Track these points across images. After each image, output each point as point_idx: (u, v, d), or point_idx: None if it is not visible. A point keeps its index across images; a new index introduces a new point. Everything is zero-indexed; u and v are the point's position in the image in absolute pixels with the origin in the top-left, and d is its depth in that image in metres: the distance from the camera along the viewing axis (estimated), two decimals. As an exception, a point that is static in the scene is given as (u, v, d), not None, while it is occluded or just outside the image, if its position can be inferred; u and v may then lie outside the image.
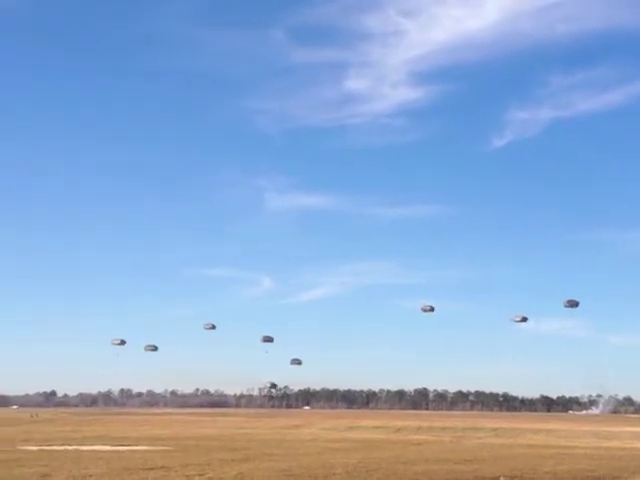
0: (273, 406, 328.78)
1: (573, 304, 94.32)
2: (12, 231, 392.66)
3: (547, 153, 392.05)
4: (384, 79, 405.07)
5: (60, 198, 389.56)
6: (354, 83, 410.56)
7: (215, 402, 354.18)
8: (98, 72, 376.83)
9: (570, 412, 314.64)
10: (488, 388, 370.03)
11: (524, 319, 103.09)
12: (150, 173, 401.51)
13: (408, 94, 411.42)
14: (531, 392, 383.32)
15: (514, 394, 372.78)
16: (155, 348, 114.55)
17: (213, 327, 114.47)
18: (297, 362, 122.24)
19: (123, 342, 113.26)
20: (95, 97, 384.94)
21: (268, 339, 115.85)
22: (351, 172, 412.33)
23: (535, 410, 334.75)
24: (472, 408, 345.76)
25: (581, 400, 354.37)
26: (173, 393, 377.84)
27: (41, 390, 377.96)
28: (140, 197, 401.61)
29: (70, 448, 51.62)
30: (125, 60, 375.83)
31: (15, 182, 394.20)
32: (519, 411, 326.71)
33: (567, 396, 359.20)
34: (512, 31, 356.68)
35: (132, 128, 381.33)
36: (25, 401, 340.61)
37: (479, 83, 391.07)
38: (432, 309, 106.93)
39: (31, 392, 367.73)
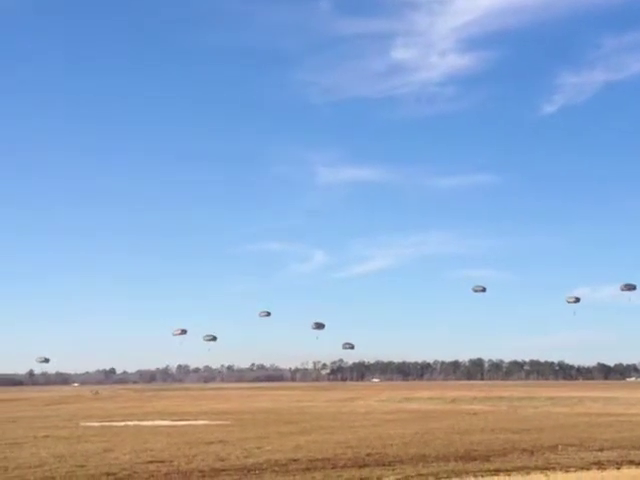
0: (328, 379, 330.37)
1: (630, 288, 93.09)
2: (77, 214, 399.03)
3: (599, 117, 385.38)
4: (432, 47, 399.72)
5: (124, 181, 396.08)
6: (402, 53, 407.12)
7: (270, 376, 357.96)
8: (149, 51, 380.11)
9: (628, 379, 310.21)
10: (543, 357, 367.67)
11: (577, 300, 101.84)
12: (202, 151, 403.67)
13: (456, 62, 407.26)
14: (588, 360, 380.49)
15: (570, 363, 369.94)
16: (214, 338, 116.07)
17: (268, 314, 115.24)
18: (349, 346, 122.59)
19: (184, 331, 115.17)
20: (147, 77, 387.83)
21: (319, 325, 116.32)
22: (401, 143, 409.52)
23: (592, 378, 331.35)
24: (527, 378, 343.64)
25: (639, 367, 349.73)
26: (229, 368, 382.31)
27: (101, 367, 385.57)
28: (193, 175, 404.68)
29: (131, 424, 52.73)
30: (175, 38, 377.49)
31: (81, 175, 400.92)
32: (575, 380, 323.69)
33: (625, 364, 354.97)
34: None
35: (182, 106, 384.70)
36: (85, 379, 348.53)
37: (528, 48, 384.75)
38: (484, 289, 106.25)
39: (91, 370, 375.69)
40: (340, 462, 27.54)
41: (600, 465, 27.31)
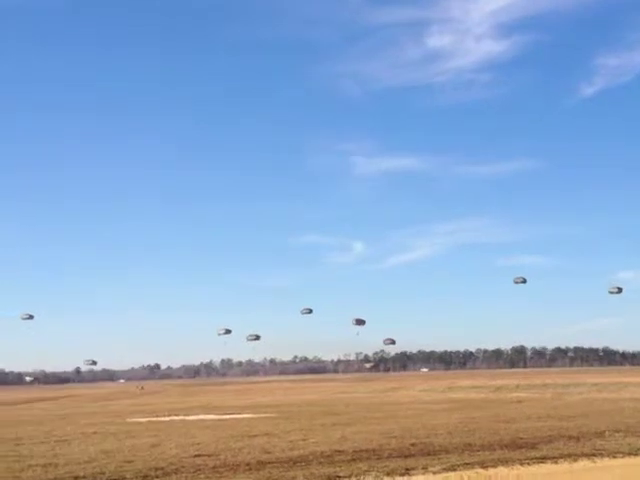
0: (370, 370, 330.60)
1: None
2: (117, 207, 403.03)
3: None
4: (467, 34, 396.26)
5: (164, 174, 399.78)
6: (437, 40, 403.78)
7: (313, 368, 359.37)
8: (179, 46, 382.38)
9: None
10: (587, 343, 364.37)
11: (619, 290, 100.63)
12: (239, 144, 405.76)
13: (492, 47, 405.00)
14: (633, 346, 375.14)
15: (614, 348, 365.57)
16: (257, 337, 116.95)
17: (310, 311, 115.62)
18: (390, 342, 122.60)
19: (229, 331, 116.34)
20: (177, 72, 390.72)
21: (360, 322, 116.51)
22: (438, 131, 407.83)
23: (637, 364, 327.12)
24: (571, 364, 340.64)
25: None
26: (272, 361, 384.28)
27: (145, 363, 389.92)
28: (232, 168, 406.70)
29: (177, 418, 53.31)
30: (206, 33, 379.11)
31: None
32: (621, 365, 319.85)
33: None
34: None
35: (216, 102, 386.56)
36: (131, 375, 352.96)
37: (564, 31, 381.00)
38: (524, 281, 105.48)
39: (136, 366, 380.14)
40: (385, 452, 27.60)
41: (648, 450, 27.07)
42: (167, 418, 53.99)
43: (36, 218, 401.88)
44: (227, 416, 54.56)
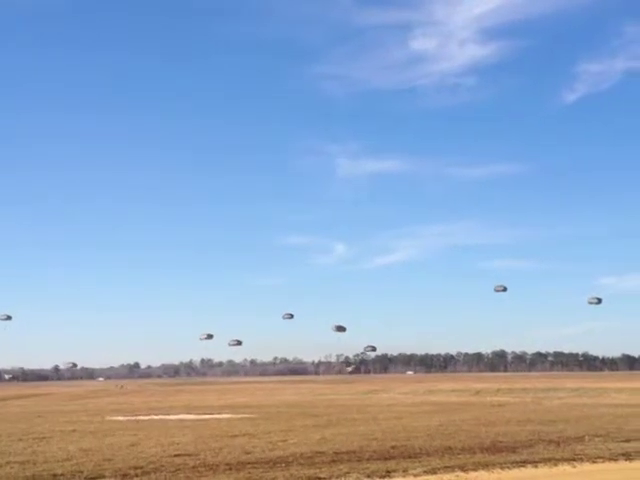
0: (352, 373, 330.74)
1: None
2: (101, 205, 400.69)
3: (621, 106, 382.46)
4: (451, 38, 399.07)
5: (146, 173, 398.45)
6: (421, 43, 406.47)
7: (294, 370, 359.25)
8: (163, 47, 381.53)
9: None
10: (567, 348, 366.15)
11: (599, 300, 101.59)
12: (222, 144, 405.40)
13: (476, 52, 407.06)
14: (612, 351, 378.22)
15: (594, 354, 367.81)
16: (239, 342, 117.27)
17: (291, 316, 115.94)
18: (371, 348, 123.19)
19: (210, 336, 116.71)
20: (160, 72, 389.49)
21: (341, 328, 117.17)
22: (422, 134, 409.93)
23: (617, 369, 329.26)
24: (551, 369, 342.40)
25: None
26: (252, 362, 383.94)
27: (125, 362, 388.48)
28: (214, 169, 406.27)
29: (156, 418, 53.02)
30: (191, 33, 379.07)
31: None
32: (600, 371, 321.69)
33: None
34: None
35: (203, 100, 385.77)
36: (110, 373, 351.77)
37: (548, 37, 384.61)
38: (505, 289, 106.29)
39: (116, 364, 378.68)
40: (365, 454, 27.56)
41: (628, 456, 27.18)
42: (147, 417, 53.69)
43: (16, 217, 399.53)
44: (207, 416, 54.34)
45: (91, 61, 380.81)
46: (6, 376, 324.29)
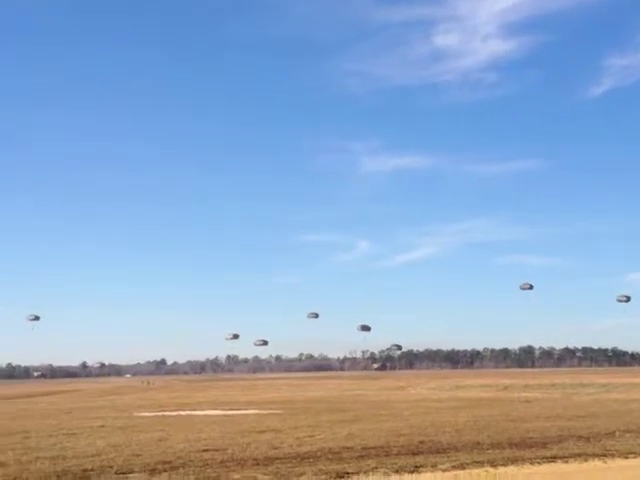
0: (377, 369, 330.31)
1: None
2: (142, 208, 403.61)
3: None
4: (474, 33, 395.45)
5: (166, 173, 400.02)
6: (443, 39, 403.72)
7: (319, 366, 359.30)
8: (182, 44, 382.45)
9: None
10: (596, 344, 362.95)
11: (628, 298, 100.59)
12: (244, 143, 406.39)
13: (500, 47, 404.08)
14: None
15: (623, 349, 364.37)
16: (265, 342, 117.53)
17: (316, 316, 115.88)
18: (397, 347, 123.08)
19: (236, 336, 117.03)
20: (179, 71, 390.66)
21: (366, 328, 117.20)
22: (445, 130, 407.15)
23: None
24: (580, 365, 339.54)
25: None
26: (278, 358, 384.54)
27: (151, 359, 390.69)
28: (237, 167, 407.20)
29: (183, 413, 53.24)
30: (210, 31, 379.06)
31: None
32: (629, 366, 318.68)
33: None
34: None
35: (223, 100, 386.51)
36: (137, 370, 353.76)
37: (572, 31, 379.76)
38: (531, 287, 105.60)
39: (142, 361, 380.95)
40: (393, 450, 27.40)
41: (659, 452, 26.84)
42: (174, 413, 53.93)
43: (42, 214, 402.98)
44: (234, 412, 54.47)
45: (103, 57, 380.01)
46: (35, 373, 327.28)
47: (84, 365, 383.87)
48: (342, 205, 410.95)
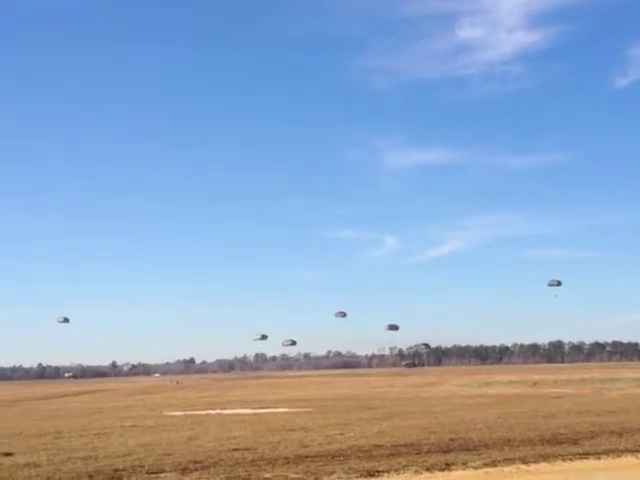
0: (406, 365, 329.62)
1: None
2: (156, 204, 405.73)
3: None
4: (498, 25, 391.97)
5: (192, 169, 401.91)
6: (467, 32, 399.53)
7: (347, 363, 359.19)
8: (210, 41, 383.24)
9: None
10: (626, 337, 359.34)
11: (559, 283, 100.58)
12: (269, 139, 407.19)
13: (525, 38, 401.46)
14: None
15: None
16: (294, 342, 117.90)
17: (344, 315, 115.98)
18: (426, 346, 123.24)
19: (265, 337, 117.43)
20: (208, 67, 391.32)
21: (393, 327, 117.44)
22: (470, 123, 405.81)
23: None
24: (610, 359, 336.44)
25: None
26: (306, 356, 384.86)
27: (180, 358, 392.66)
28: (262, 164, 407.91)
29: (213, 412, 53.45)
30: (237, 27, 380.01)
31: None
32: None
33: None
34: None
35: (250, 97, 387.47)
36: (166, 369, 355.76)
37: (597, 21, 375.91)
38: (559, 283, 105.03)
39: (171, 360, 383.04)
40: (424, 447, 27.33)
41: (693, 446, 26.53)
42: (203, 412, 54.15)
43: (72, 213, 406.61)
44: (263, 410, 54.60)
45: (129, 54, 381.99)
46: (66, 374, 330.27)
47: (114, 365, 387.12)
48: (368, 201, 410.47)
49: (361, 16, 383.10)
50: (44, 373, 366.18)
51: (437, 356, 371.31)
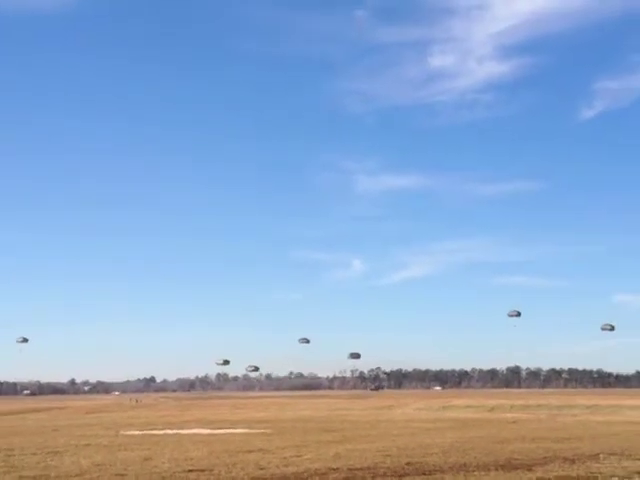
0: (365, 387, 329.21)
1: None
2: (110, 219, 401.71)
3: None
4: (470, 54, 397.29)
5: (163, 184, 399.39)
6: (439, 60, 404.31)
7: (308, 384, 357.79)
8: (185, 58, 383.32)
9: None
10: (582, 365, 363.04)
11: (612, 328, 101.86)
12: (241, 158, 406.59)
13: (495, 68, 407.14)
14: (626, 368, 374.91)
15: (608, 370, 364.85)
16: (256, 368, 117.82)
17: (307, 341, 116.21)
18: (384, 373, 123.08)
19: (227, 362, 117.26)
20: (180, 84, 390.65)
21: (355, 355, 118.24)
22: (441, 150, 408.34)
23: (630, 386, 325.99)
24: (565, 385, 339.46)
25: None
26: (268, 377, 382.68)
27: (141, 376, 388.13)
28: (233, 183, 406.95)
29: (171, 432, 53.06)
30: (212, 45, 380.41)
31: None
32: (614, 387, 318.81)
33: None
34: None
35: (221, 115, 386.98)
36: (126, 387, 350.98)
37: (567, 54, 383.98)
38: (519, 314, 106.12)
39: (131, 378, 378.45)
40: (380, 471, 27.44)
41: (644, 474, 26.93)
42: (161, 432, 53.75)
43: (29, 230, 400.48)
44: (221, 430, 54.34)
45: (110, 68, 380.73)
46: (25, 392, 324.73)
47: (72, 382, 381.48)
48: (337, 223, 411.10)
49: (336, 40, 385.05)
50: (0, 389, 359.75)
51: (397, 379, 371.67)
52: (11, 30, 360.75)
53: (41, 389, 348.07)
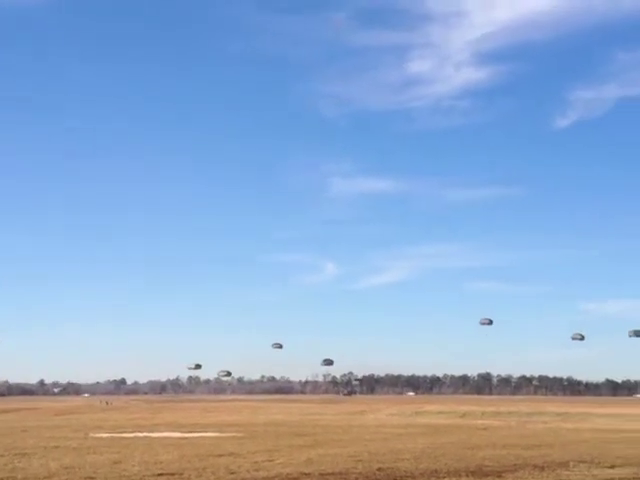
0: (338, 392, 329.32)
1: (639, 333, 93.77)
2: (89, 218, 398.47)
3: (613, 133, 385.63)
4: (447, 60, 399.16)
5: (135, 185, 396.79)
6: (417, 65, 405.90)
7: (280, 388, 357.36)
8: (168, 59, 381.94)
9: (636, 396, 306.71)
10: (552, 372, 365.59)
11: (582, 337, 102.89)
12: (215, 159, 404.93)
13: (472, 75, 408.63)
14: (596, 376, 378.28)
15: (578, 378, 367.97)
16: (229, 374, 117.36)
17: (280, 346, 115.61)
18: (356, 379, 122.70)
19: (199, 366, 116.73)
20: (164, 84, 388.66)
21: (328, 362, 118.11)
22: (416, 155, 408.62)
23: (600, 394, 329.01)
24: (536, 392, 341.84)
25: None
26: (240, 380, 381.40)
27: (111, 378, 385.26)
28: (206, 182, 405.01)
29: (141, 435, 52.68)
30: (187, 46, 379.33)
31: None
32: (584, 395, 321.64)
33: (632, 380, 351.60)
34: (577, 8, 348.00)
35: (198, 114, 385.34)
36: (96, 389, 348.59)
37: (543, 62, 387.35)
38: (491, 322, 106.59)
39: (102, 380, 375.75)
40: (351, 476, 27.43)
41: (612, 483, 27.16)
42: (131, 434, 53.36)
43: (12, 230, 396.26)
44: (192, 434, 54.04)
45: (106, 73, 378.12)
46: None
47: (42, 383, 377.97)
48: (310, 225, 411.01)
49: (313, 42, 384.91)
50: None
51: (370, 385, 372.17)
52: (11, 30, 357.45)
53: (10, 390, 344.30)
